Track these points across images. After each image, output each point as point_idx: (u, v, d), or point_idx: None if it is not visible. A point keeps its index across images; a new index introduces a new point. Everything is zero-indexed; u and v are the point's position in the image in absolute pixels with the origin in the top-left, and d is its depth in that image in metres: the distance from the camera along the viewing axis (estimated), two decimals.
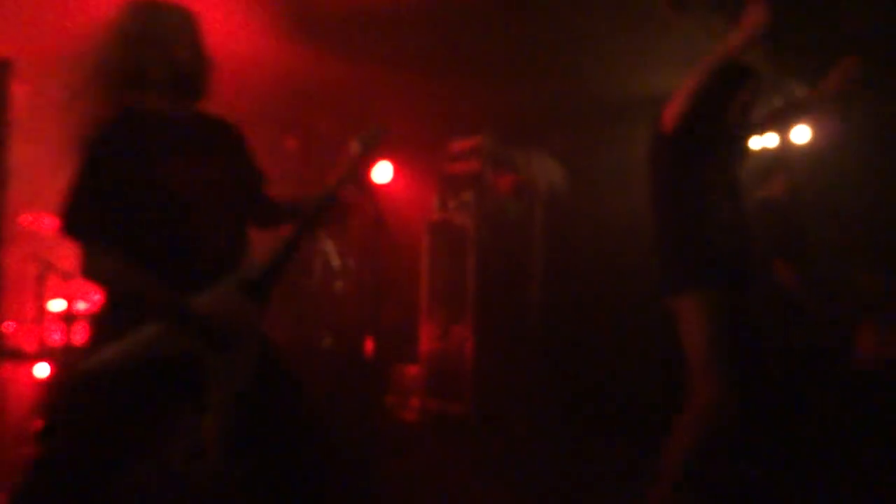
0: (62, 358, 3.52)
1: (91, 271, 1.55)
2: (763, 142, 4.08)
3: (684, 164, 2.28)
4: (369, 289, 4.49)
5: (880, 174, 4.00)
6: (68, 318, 3.70)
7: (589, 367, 4.49)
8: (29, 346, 3.87)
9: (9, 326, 3.84)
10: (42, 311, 3.94)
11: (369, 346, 4.60)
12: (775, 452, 2.96)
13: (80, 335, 3.86)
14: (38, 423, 3.34)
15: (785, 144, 4.23)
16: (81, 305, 4.08)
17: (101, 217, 1.54)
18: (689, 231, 2.28)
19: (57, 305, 4.00)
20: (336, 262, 4.92)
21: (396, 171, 5.16)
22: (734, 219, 2.30)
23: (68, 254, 4.17)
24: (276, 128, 5.28)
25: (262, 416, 1.66)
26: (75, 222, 1.55)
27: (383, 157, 5.13)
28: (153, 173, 1.58)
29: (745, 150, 2.43)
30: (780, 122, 2.77)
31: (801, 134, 4.25)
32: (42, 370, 3.61)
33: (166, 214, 1.59)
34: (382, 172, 5.09)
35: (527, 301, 4.72)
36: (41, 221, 4.08)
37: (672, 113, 2.16)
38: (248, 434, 1.64)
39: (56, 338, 3.88)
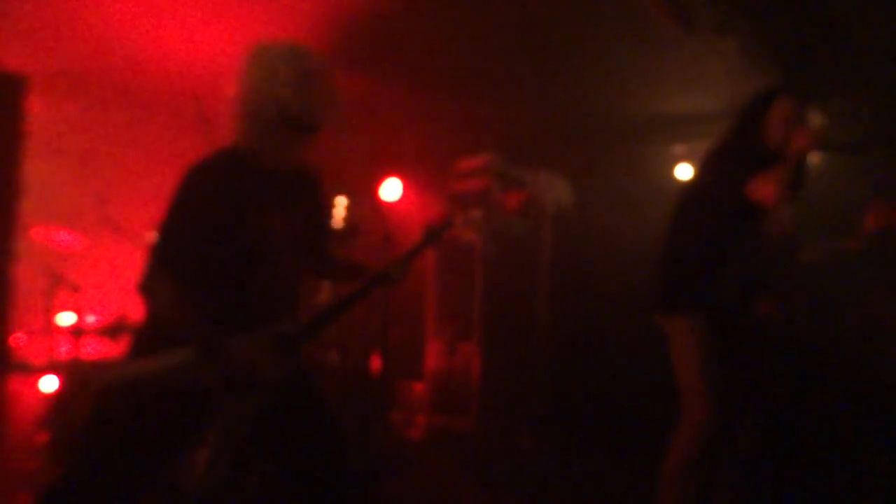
0: (70, 371, 3.53)
1: (148, 289, 1.62)
2: None
3: (721, 218, 2.32)
4: (376, 305, 4.50)
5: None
6: (77, 331, 3.72)
7: (595, 385, 4.47)
8: (37, 359, 3.88)
9: (18, 339, 3.86)
10: (50, 324, 3.96)
11: (376, 362, 4.61)
12: (777, 471, 2.93)
13: (88, 349, 3.87)
14: (44, 436, 3.35)
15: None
16: (90, 319, 4.10)
17: (178, 249, 1.62)
18: (700, 262, 2.33)
19: (66, 319, 4.02)
20: None
21: (405, 188, 5.18)
22: (745, 265, 2.37)
23: (78, 267, 4.22)
24: None
25: (290, 427, 1.70)
26: (159, 248, 1.62)
27: (393, 173, 5.17)
28: (234, 215, 1.64)
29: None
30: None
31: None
32: (49, 383, 3.62)
33: (237, 257, 1.66)
34: (391, 189, 5.12)
35: (534, 319, 4.71)
36: (53, 235, 4.12)
37: (769, 195, 2.13)
38: (277, 444, 1.70)
39: (64, 351, 3.89)
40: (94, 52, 3.92)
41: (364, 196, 5.12)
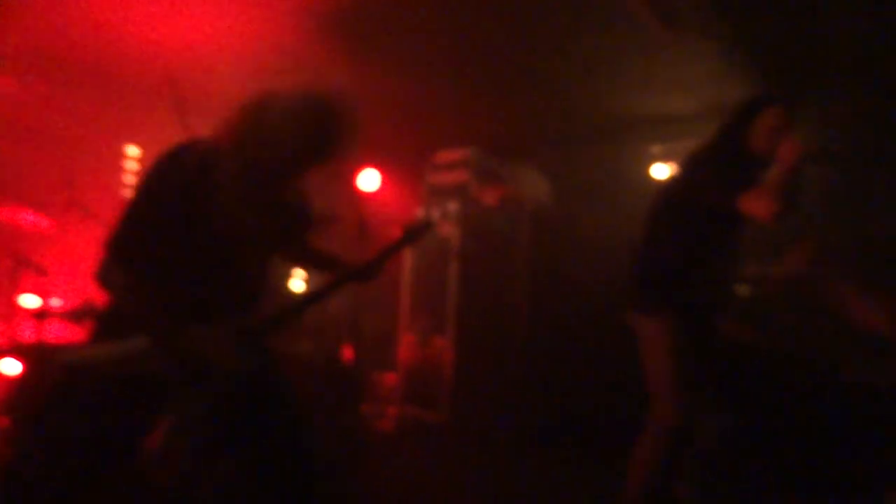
0: (33, 355, 3.44)
1: (103, 278, 1.60)
2: None
3: (702, 220, 2.32)
4: (350, 296, 4.47)
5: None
6: (41, 314, 3.63)
7: (568, 380, 4.50)
8: None
9: None
10: (14, 306, 3.86)
11: (348, 353, 4.58)
12: (755, 475, 2.99)
13: (52, 333, 3.78)
14: (5, 420, 3.27)
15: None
16: (55, 302, 4.00)
17: (138, 240, 1.59)
18: (677, 263, 2.34)
19: (30, 302, 3.93)
20: None
21: (383, 180, 5.15)
22: (720, 269, 2.39)
23: (44, 250, 4.12)
24: None
25: (253, 418, 1.69)
26: (115, 240, 1.59)
27: (370, 164, 5.13)
28: (198, 211, 1.60)
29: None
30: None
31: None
32: (11, 367, 3.53)
33: (202, 251, 1.64)
34: (369, 180, 5.08)
35: (509, 313, 4.73)
36: (18, 215, 4.01)
37: (766, 212, 2.11)
38: (239, 435, 1.68)
39: (28, 334, 3.80)
40: (66, 31, 3.81)
41: (341, 185, 5.07)
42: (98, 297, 3.72)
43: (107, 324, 1.67)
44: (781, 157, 2.13)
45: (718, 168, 2.26)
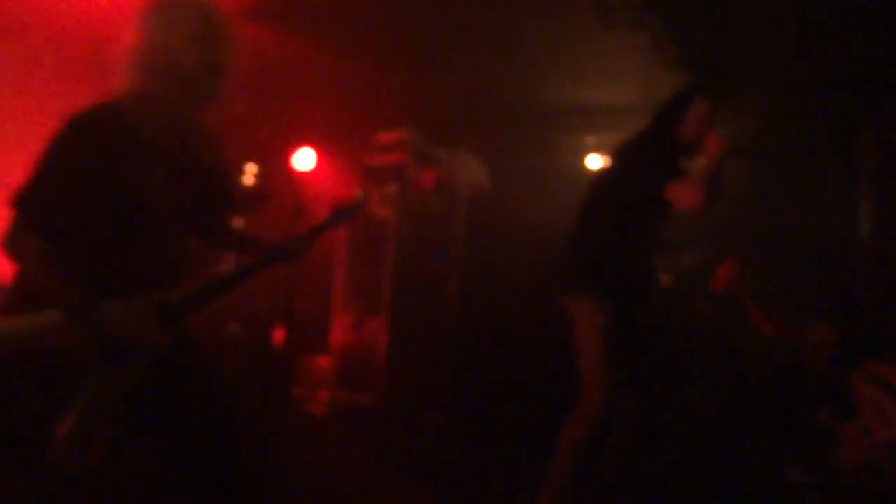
0: None
1: (11, 245, 1.51)
2: None
3: (633, 206, 2.40)
4: (282, 277, 4.38)
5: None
6: None
7: (500, 364, 4.58)
8: None
9: None
10: None
11: (279, 335, 4.49)
12: (667, 453, 3.14)
13: None
14: None
15: None
16: None
17: (48, 202, 1.51)
18: (608, 248, 2.43)
19: None
20: None
21: (319, 159, 5.05)
22: (646, 254, 2.52)
23: None
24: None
25: (174, 400, 1.63)
26: (23, 197, 1.51)
27: (307, 143, 5.02)
28: (114, 174, 1.53)
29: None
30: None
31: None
32: None
33: (116, 217, 1.56)
34: (305, 159, 4.97)
35: (443, 296, 4.75)
36: None
37: (692, 203, 2.20)
38: (159, 418, 1.62)
39: None
40: (28, 11, 3.53)
41: (276, 164, 4.94)
42: (5, 269, 3.48)
43: (13, 298, 1.57)
44: (708, 151, 2.23)
45: (649, 157, 2.35)
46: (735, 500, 3.00)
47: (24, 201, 1.50)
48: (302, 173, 4.97)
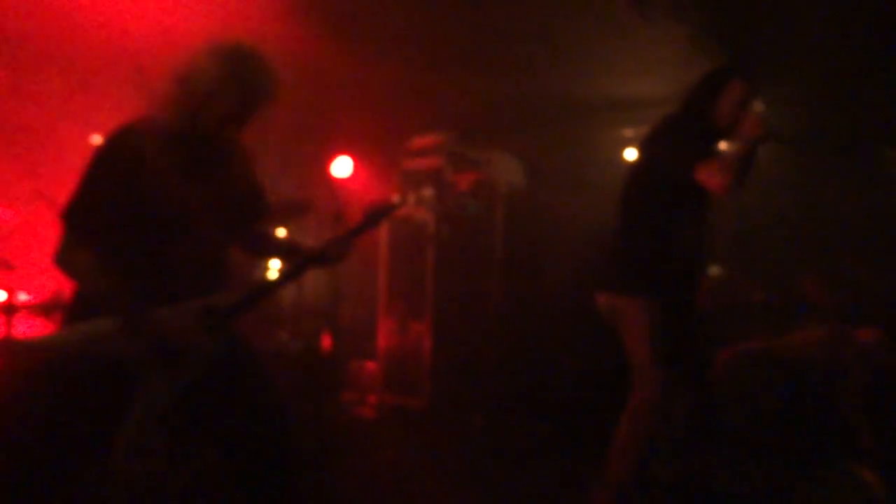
0: (1, 350, 3.36)
1: (63, 260, 1.59)
2: None
3: (669, 193, 2.35)
4: (327, 285, 4.45)
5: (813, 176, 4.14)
6: (8, 309, 3.54)
7: (547, 363, 4.55)
8: None
9: None
10: None
11: (327, 342, 4.57)
12: (721, 453, 3.08)
13: (21, 328, 3.69)
14: None
15: None
16: (23, 297, 3.90)
17: (93, 215, 1.60)
18: (653, 243, 2.37)
19: None
20: None
21: (357, 166, 5.11)
22: (692, 245, 2.43)
23: (10, 244, 4.01)
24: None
25: (228, 406, 1.68)
26: (70, 212, 1.60)
27: (343, 151, 5.09)
28: (153, 187, 1.61)
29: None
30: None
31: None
32: None
33: (156, 228, 1.64)
34: (343, 167, 5.04)
35: (485, 298, 4.75)
36: None
37: (720, 185, 2.16)
38: (213, 423, 1.67)
39: None
40: (28, 16, 3.69)
41: (315, 174, 5.03)
42: (67, 289, 3.64)
43: (73, 312, 1.65)
44: (744, 133, 2.17)
45: (681, 139, 2.29)
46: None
47: (71, 216, 1.59)
48: (341, 181, 5.04)
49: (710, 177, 2.16)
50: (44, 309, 3.57)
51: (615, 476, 2.30)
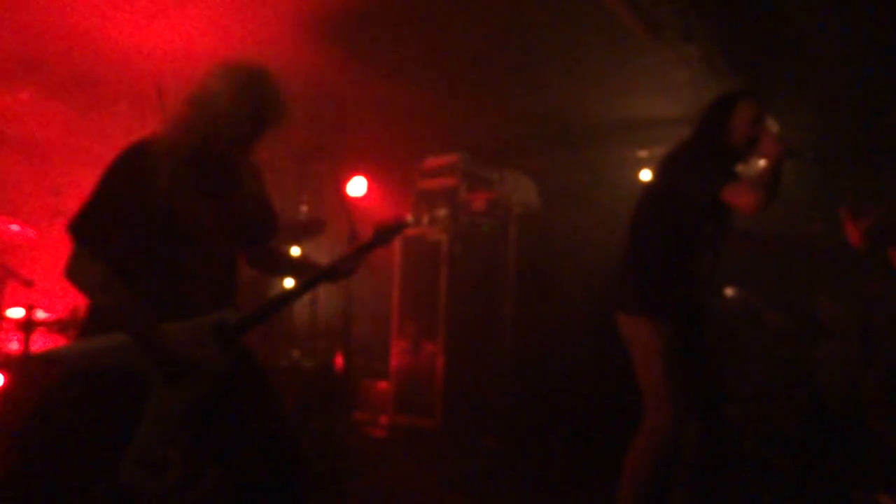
0: (19, 367, 3.39)
1: (74, 273, 1.60)
2: None
3: (688, 215, 2.34)
4: (341, 303, 4.45)
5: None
6: (27, 325, 3.58)
7: (559, 384, 4.51)
8: None
9: None
10: (0, 317, 3.80)
11: (339, 361, 4.56)
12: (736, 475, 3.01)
13: (39, 344, 3.73)
14: None
15: None
16: (41, 314, 3.95)
17: (104, 228, 1.61)
18: (665, 265, 2.35)
19: (15, 313, 3.87)
20: None
21: (371, 185, 5.15)
22: (705, 267, 2.40)
23: (30, 261, 4.07)
24: None
25: (238, 425, 1.68)
26: (79, 224, 1.61)
27: (358, 172, 5.13)
28: (164, 202, 1.63)
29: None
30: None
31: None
32: None
33: (167, 243, 1.65)
34: (358, 186, 5.08)
35: (498, 318, 4.73)
36: (3, 226, 3.96)
37: (750, 204, 2.13)
38: (223, 437, 1.67)
39: (14, 346, 3.74)
40: (50, 37, 3.78)
41: (330, 193, 5.07)
42: (82, 305, 3.68)
43: (87, 326, 1.67)
44: (765, 150, 2.17)
45: (699, 162, 2.29)
46: None
47: (78, 227, 1.60)
48: (356, 200, 5.08)
49: (738, 196, 2.14)
50: (61, 326, 3.60)
51: (626, 498, 2.25)
